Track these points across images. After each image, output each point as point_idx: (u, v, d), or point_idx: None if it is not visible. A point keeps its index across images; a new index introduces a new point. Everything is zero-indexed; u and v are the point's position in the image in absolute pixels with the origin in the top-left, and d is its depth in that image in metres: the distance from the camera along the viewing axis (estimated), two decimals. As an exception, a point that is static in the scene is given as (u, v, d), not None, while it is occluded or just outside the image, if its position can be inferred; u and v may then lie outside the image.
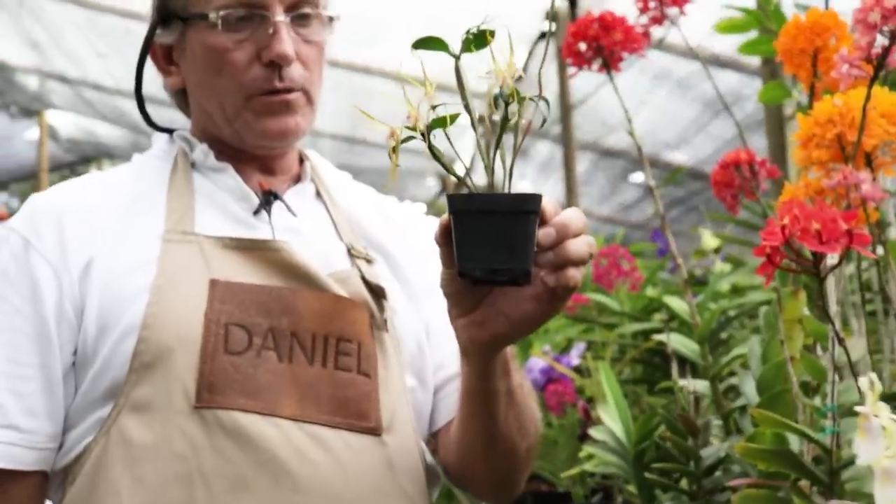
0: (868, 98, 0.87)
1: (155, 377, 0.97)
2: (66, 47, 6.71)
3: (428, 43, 0.85)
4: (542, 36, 5.47)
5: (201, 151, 1.13)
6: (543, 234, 0.82)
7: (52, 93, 7.71)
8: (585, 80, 5.69)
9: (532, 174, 7.81)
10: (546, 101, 0.83)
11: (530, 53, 5.75)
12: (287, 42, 1.07)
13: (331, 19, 1.12)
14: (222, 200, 1.10)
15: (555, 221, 0.83)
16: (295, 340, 1.01)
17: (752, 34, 1.74)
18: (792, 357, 1.05)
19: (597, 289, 1.92)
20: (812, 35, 1.09)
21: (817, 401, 0.97)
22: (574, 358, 1.89)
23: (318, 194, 1.17)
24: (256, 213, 1.10)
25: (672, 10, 1.33)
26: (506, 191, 0.83)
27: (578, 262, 0.83)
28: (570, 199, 5.58)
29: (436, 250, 1.21)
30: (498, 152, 0.84)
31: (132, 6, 5.97)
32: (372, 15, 5.07)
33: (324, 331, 1.03)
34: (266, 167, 1.15)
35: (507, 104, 0.82)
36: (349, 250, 1.11)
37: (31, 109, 7.96)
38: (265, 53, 1.07)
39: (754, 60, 5.26)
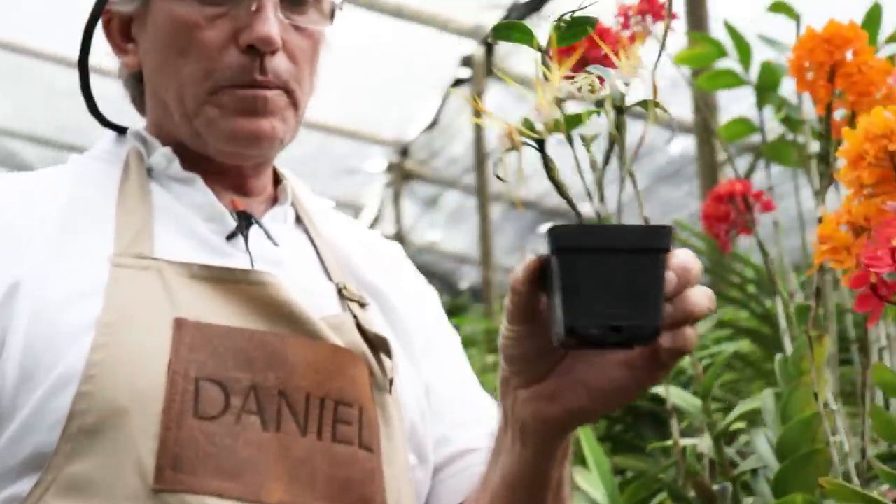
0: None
1: (99, 448, 0.74)
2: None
3: (509, 31, 0.67)
4: (458, 83, 5.38)
5: (163, 156, 0.89)
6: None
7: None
8: (498, 132, 5.62)
9: (442, 223, 7.71)
10: (665, 111, 0.64)
11: (444, 100, 5.67)
12: (272, 23, 0.86)
13: (333, 9, 0.92)
14: (187, 219, 0.87)
15: (674, 264, 0.64)
16: (284, 402, 0.79)
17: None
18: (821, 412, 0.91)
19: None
20: (831, 47, 0.97)
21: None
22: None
23: (299, 221, 0.96)
24: (230, 237, 0.88)
25: (657, 27, 1.20)
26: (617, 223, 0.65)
27: (698, 319, 0.65)
28: (485, 249, 5.47)
29: (426, 294, 1.00)
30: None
31: (25, 42, 5.69)
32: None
33: (320, 391, 0.81)
34: (238, 184, 0.92)
35: (620, 111, 0.63)
36: (340, 290, 0.90)
37: None
38: (244, 35, 0.86)
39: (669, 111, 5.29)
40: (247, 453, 0.77)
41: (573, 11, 0.65)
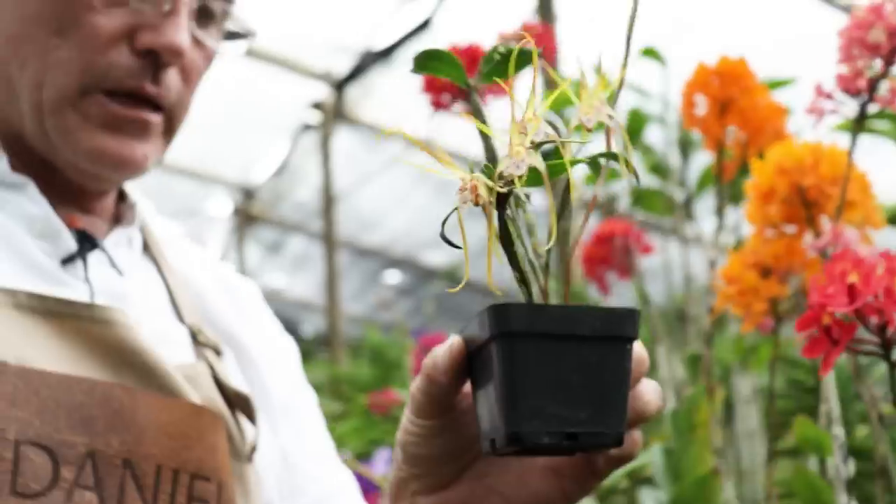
0: (854, 144, 0.71)
1: None
2: None
3: (432, 63, 0.54)
4: (307, 127, 5.29)
5: None
6: None
7: None
8: (346, 178, 5.56)
9: (286, 268, 7.54)
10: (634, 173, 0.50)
11: (293, 144, 5.56)
12: (185, 31, 0.72)
13: (227, 32, 0.78)
14: (11, 234, 0.70)
15: None
16: (129, 475, 0.63)
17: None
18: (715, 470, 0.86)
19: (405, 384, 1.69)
20: (724, 83, 0.95)
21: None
22: (381, 465, 1.64)
23: (146, 248, 0.81)
24: (66, 262, 0.72)
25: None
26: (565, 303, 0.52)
27: (648, 421, 0.55)
28: (331, 296, 5.35)
29: (286, 347, 0.87)
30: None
31: None
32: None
33: (174, 461, 0.65)
34: (77, 199, 0.77)
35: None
36: (194, 336, 0.76)
37: None
38: (145, 37, 0.71)
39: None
40: None
41: (507, 43, 0.55)
